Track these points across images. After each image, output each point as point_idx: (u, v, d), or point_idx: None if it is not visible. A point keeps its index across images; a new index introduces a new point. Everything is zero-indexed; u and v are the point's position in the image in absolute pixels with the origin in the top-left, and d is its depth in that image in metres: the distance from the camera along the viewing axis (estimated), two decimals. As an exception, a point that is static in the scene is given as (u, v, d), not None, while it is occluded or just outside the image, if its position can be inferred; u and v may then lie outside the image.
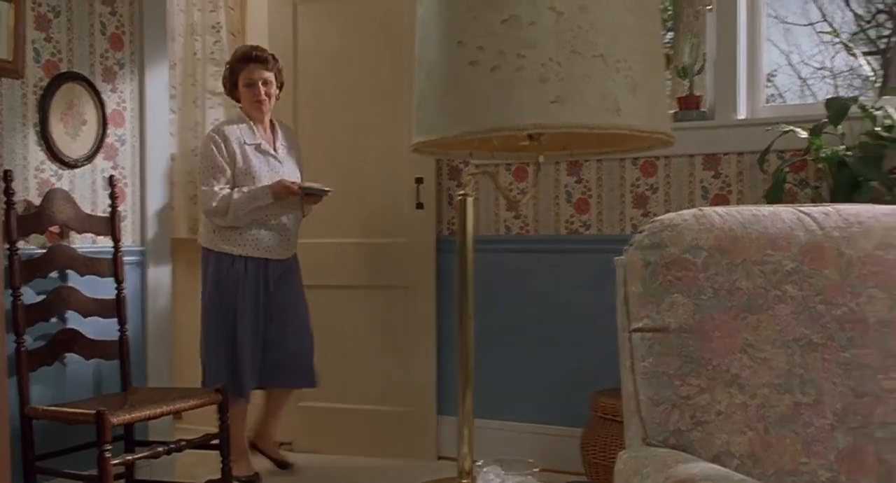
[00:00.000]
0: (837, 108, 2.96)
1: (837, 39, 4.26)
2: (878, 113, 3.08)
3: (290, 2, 4.43)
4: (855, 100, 3.04)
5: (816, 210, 1.86)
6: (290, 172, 3.94)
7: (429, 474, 4.00)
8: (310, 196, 3.85)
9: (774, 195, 3.15)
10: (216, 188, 3.77)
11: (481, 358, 3.97)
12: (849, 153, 3.03)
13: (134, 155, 3.86)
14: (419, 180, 4.10)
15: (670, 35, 5.22)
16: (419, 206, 3.57)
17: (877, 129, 3.05)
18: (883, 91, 3.47)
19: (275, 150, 3.93)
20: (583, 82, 1.27)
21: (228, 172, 3.80)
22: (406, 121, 3.81)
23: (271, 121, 3.99)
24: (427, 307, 4.16)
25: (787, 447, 1.64)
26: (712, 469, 1.51)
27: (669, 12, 5.26)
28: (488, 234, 4.01)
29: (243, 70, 3.87)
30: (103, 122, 3.72)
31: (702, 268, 1.72)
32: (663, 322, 1.72)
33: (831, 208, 1.87)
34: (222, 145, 3.80)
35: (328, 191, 3.84)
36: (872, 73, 3.14)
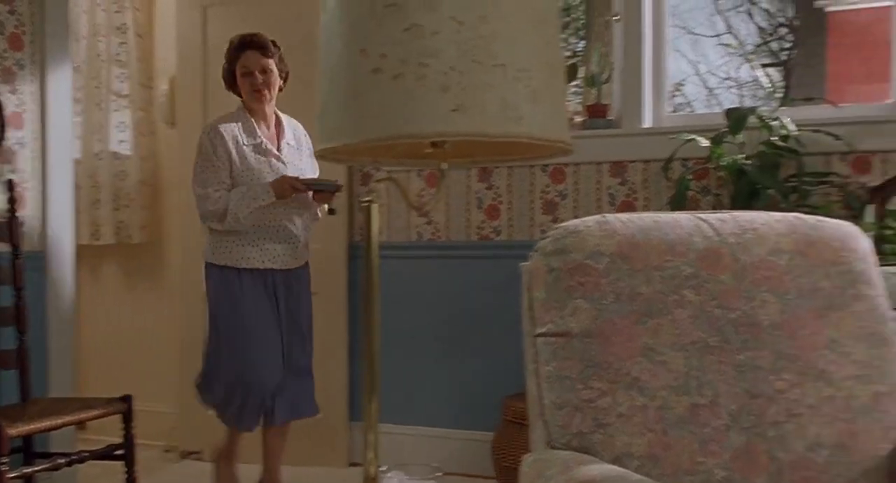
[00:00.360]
0: (737, 118, 3.06)
1: (742, 51, 4.38)
2: (775, 123, 3.19)
3: (199, 4, 4.37)
4: (753, 110, 3.15)
5: (714, 217, 1.92)
6: (296, 175, 3.50)
7: (339, 481, 3.99)
8: (319, 193, 3.44)
9: (678, 202, 3.23)
10: (210, 190, 3.39)
11: (393, 364, 3.97)
12: (748, 162, 3.13)
13: (35, 159, 3.75)
14: (331, 186, 4.09)
15: (582, 44, 5.31)
16: (331, 211, 3.56)
17: (773, 138, 3.16)
18: (783, 102, 3.59)
19: (278, 149, 3.52)
20: (484, 91, 1.29)
21: (224, 174, 3.41)
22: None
23: (276, 116, 3.59)
24: (338, 314, 4.14)
25: (684, 447, 1.69)
26: (612, 470, 1.55)
27: (582, 21, 5.35)
28: (399, 241, 4.02)
29: (239, 58, 3.48)
30: (1, 125, 3.60)
31: (604, 273, 1.76)
32: (566, 327, 1.75)
33: (728, 215, 1.93)
34: (217, 144, 3.41)
35: (338, 184, 3.46)
36: (770, 85, 3.25)
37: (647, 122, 3.70)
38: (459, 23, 1.27)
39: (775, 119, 3.20)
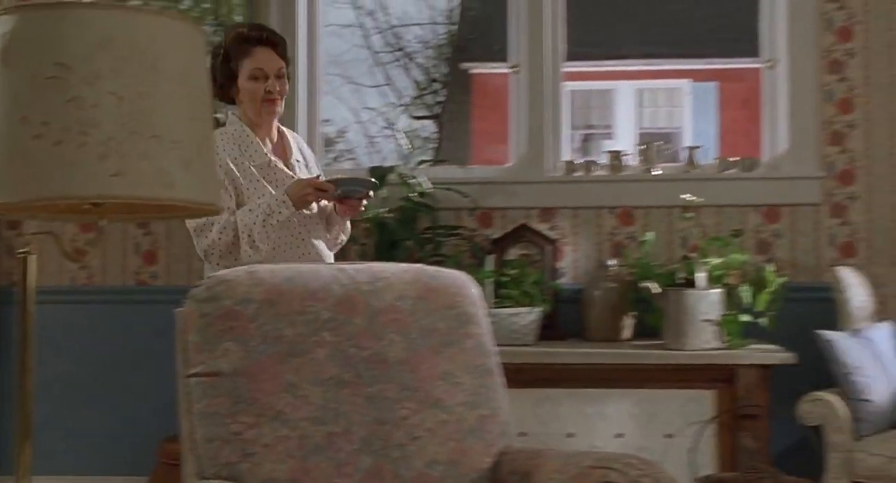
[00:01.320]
0: (379, 175, 3.42)
1: (399, 103, 4.80)
2: (413, 181, 3.58)
3: None
4: (393, 169, 3.52)
5: (351, 267, 2.19)
6: None
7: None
8: (347, 200, 2.69)
9: (328, 250, 3.50)
10: (211, 220, 2.65)
11: (44, 412, 3.86)
12: (389, 215, 3.49)
13: None
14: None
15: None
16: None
17: (412, 194, 3.54)
18: (436, 154, 3.99)
19: (288, 166, 2.83)
20: (141, 159, 1.44)
21: (228, 199, 2.68)
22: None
23: (278, 129, 2.90)
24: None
25: (322, 471, 1.92)
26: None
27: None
28: (52, 285, 3.93)
29: (246, 56, 2.74)
30: None
31: (252, 318, 1.96)
32: (217, 367, 1.92)
33: (364, 266, 2.22)
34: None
35: (373, 181, 2.78)
36: (409, 146, 3.63)
37: (302, 174, 3.95)
38: (119, 97, 1.43)
39: (413, 177, 3.59)
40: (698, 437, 3.05)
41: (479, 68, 13.87)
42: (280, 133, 2.89)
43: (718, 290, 3.19)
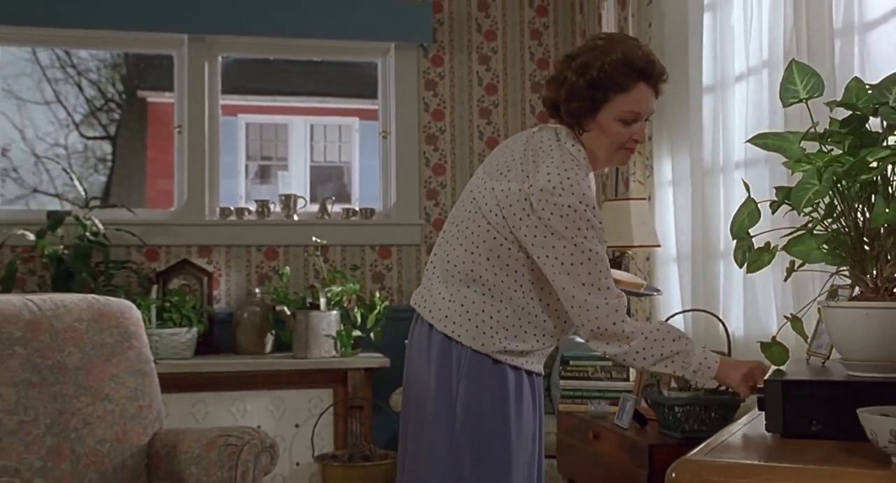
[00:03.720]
0: (55, 219, 4.04)
1: (70, 121, 5.24)
2: (88, 222, 4.21)
3: None
4: (69, 213, 4.13)
5: (37, 297, 2.87)
6: None
7: None
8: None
9: (7, 281, 4.04)
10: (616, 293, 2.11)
11: None
12: (66, 251, 4.09)
13: None
14: None
15: None
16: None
17: (87, 234, 4.17)
18: (110, 177, 4.57)
19: None
20: None
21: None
22: None
23: None
24: None
25: (14, 449, 2.60)
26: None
27: None
28: None
29: (629, 91, 2.11)
30: None
31: (-42, 337, 2.60)
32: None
33: (47, 296, 2.90)
34: (600, 218, 2.13)
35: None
36: (84, 193, 4.23)
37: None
38: None
39: (88, 219, 4.22)
40: (317, 425, 3.97)
41: (154, 97, 14.19)
42: None
43: (335, 312, 4.14)
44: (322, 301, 4.12)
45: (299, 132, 15.56)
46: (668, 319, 2.95)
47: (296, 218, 4.62)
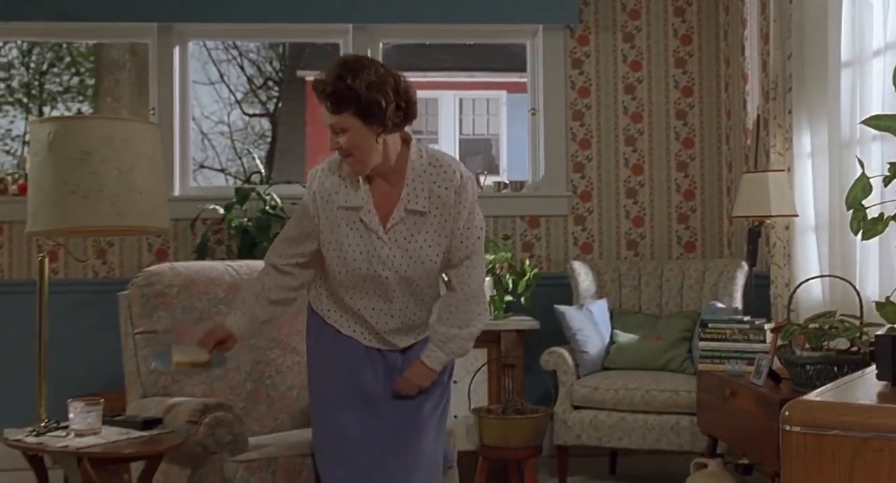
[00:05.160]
0: (242, 195, 4.54)
1: (233, 100, 5.66)
2: (268, 197, 4.70)
3: None
4: (253, 189, 4.64)
5: (235, 263, 3.33)
6: (402, 261, 2.55)
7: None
8: None
9: (201, 249, 4.57)
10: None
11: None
12: (250, 223, 4.59)
13: None
14: None
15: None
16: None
17: (267, 207, 4.66)
18: (268, 180, 5.05)
19: (385, 224, 2.54)
20: (131, 205, 2.57)
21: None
22: None
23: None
24: None
25: (222, 392, 3.06)
26: (184, 399, 2.86)
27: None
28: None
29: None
30: None
31: (175, 296, 3.07)
32: (153, 327, 3.03)
33: (243, 262, 3.36)
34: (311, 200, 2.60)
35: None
36: (265, 170, 4.72)
37: (176, 191, 4.96)
38: (119, 170, 2.55)
39: (268, 194, 4.71)
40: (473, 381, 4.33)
41: (313, 76, 14.84)
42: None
43: (489, 279, 4.48)
44: (476, 268, 4.46)
45: (448, 106, 15.95)
46: (801, 285, 3.14)
47: (451, 191, 4.97)
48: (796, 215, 3.76)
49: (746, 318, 3.55)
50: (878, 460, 1.68)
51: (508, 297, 4.53)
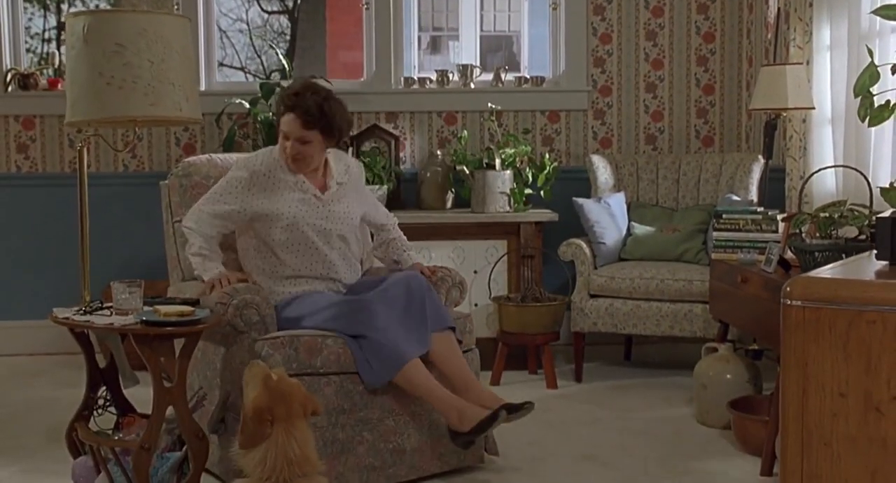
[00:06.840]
0: (267, 90, 4.61)
1: None
2: (291, 92, 4.77)
3: None
4: (278, 84, 4.71)
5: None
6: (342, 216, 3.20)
7: None
8: None
9: (227, 143, 4.68)
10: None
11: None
12: (275, 117, 4.66)
13: None
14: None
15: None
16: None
17: (291, 102, 4.74)
18: (290, 50, 5.10)
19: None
20: (164, 96, 2.67)
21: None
22: None
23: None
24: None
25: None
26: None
27: None
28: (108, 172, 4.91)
29: (281, 117, 3.11)
30: None
31: (211, 187, 3.20)
32: (188, 216, 3.16)
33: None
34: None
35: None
36: (288, 66, 4.78)
37: (203, 86, 5.04)
38: (151, 62, 2.64)
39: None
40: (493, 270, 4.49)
41: (334, -28, 14.61)
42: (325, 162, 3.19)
43: (509, 172, 4.58)
44: (497, 161, 4.57)
45: (469, 2, 15.72)
46: (814, 174, 3.22)
47: (472, 86, 5.03)
48: (813, 108, 3.81)
49: (759, 209, 3.65)
50: (871, 331, 1.81)
51: (528, 190, 4.64)
